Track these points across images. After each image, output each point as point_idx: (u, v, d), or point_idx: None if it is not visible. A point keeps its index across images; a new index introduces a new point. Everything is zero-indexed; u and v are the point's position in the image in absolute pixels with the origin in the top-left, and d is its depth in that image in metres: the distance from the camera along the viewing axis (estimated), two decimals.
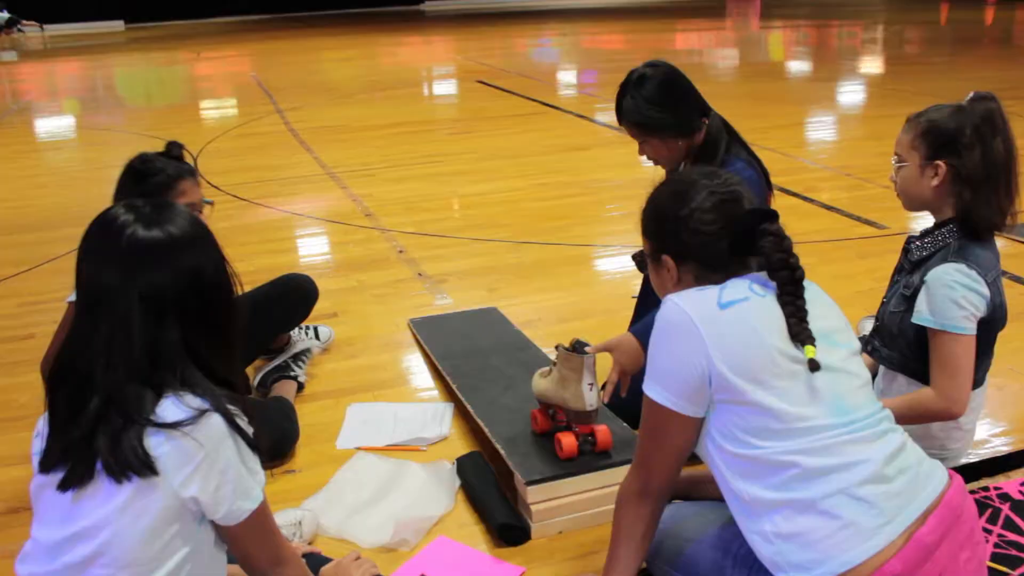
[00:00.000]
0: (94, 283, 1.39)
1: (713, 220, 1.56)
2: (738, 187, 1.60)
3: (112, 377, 1.36)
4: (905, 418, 1.61)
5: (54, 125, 8.72)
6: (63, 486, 1.36)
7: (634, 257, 1.96)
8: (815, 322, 1.49)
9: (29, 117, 9.02)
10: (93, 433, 1.35)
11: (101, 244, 1.42)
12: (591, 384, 2.19)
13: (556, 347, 2.27)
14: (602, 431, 2.24)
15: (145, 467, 1.33)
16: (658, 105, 2.42)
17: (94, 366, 1.37)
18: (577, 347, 2.20)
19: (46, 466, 1.39)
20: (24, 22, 19.64)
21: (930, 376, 2.08)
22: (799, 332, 1.46)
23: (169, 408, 1.36)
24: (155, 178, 2.41)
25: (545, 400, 2.32)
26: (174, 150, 2.49)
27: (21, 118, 8.90)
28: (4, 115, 8.94)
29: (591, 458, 2.21)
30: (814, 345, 1.45)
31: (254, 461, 1.46)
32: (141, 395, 1.36)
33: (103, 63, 14.10)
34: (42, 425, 1.43)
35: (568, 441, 2.21)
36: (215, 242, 1.47)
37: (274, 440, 2.47)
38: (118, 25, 20.98)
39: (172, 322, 1.39)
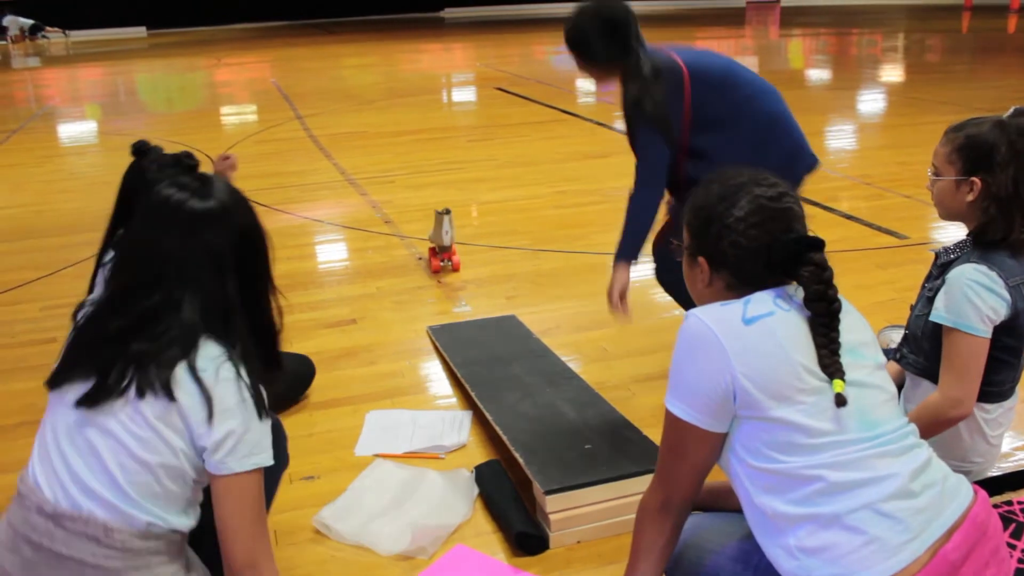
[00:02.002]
0: (157, 249, 1.57)
1: (756, 237, 1.52)
2: (791, 204, 1.55)
3: (175, 320, 1.53)
4: (920, 427, 1.60)
5: (77, 130, 8.80)
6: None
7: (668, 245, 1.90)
8: (842, 335, 1.47)
9: (52, 122, 9.11)
10: (138, 358, 1.51)
11: (161, 217, 1.58)
12: (447, 231, 3.95)
13: (435, 211, 3.94)
14: (456, 259, 4.08)
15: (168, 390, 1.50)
16: (581, 28, 2.60)
17: (161, 311, 1.54)
18: (443, 211, 3.90)
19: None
20: (48, 28, 19.85)
21: (939, 375, 2.07)
22: (829, 365, 1.44)
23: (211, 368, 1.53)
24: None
25: (431, 243, 4.06)
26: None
27: (45, 123, 8.99)
28: (28, 120, 9.03)
29: (609, 465, 2.21)
30: (844, 379, 1.43)
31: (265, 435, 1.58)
32: (193, 337, 1.54)
33: (125, 69, 14.23)
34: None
35: (435, 262, 4.07)
36: (250, 204, 1.69)
37: (293, 381, 2.90)
38: (140, 31, 21.17)
39: (231, 277, 1.58)
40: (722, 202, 1.55)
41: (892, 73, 11.07)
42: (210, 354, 1.54)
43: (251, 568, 1.54)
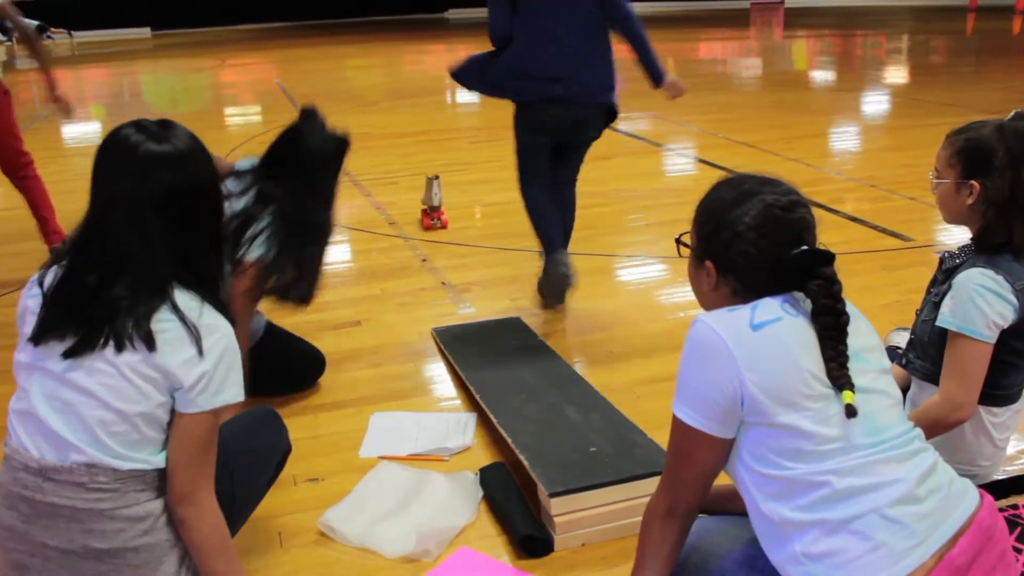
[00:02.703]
0: (111, 191, 1.62)
1: (767, 247, 1.51)
2: (804, 214, 1.54)
3: (141, 266, 1.58)
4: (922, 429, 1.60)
5: (82, 131, 8.82)
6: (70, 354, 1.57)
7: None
8: (847, 340, 1.47)
9: (57, 123, 9.12)
10: (115, 310, 1.55)
11: (117, 158, 1.66)
12: (436, 193, 4.60)
13: (426, 177, 4.62)
14: (444, 218, 4.72)
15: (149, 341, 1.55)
16: None
17: (124, 257, 1.58)
18: (433, 176, 4.57)
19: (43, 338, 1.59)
20: (53, 29, 19.87)
21: (940, 379, 2.07)
22: (839, 377, 1.44)
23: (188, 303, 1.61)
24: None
25: (423, 205, 4.73)
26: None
27: (50, 124, 9.00)
28: (33, 121, 9.05)
29: (614, 468, 2.21)
30: (853, 391, 1.43)
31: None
32: (164, 285, 1.59)
33: (130, 70, 14.25)
34: (35, 304, 1.62)
35: (426, 220, 4.72)
36: (209, 154, 1.75)
37: (305, 366, 3.02)
38: (145, 32, 21.20)
39: (184, 223, 1.62)
40: (733, 208, 1.54)
41: (897, 75, 11.06)
42: (184, 299, 1.60)
43: (188, 498, 1.60)
